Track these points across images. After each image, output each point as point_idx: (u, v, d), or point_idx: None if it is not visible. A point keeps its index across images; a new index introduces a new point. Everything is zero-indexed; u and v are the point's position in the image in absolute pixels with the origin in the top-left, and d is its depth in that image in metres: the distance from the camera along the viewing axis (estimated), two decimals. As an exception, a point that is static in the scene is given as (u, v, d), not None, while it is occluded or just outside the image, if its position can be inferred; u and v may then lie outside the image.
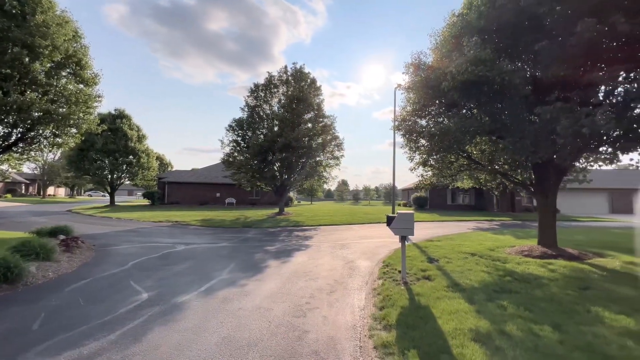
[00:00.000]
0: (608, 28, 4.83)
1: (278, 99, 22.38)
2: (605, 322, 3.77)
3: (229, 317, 4.11)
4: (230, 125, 21.91)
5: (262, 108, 22.29)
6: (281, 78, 22.16)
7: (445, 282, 5.56)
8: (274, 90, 22.20)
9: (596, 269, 6.42)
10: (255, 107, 22.14)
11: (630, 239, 10.88)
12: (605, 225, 18.08)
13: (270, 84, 22.09)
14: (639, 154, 6.12)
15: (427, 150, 9.37)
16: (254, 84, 22.50)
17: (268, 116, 22.16)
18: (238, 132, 21.89)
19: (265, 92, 22.18)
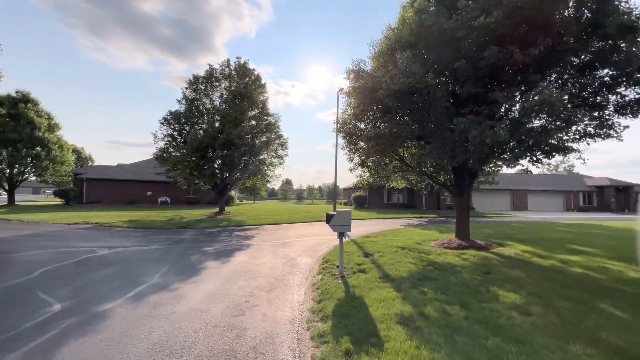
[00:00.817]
0: (507, 56, 5.85)
1: (220, 93, 21.44)
2: (500, 299, 4.56)
3: (160, 322, 3.90)
4: (166, 118, 20.26)
5: (202, 102, 21.10)
6: (224, 72, 21.26)
7: (378, 274, 6.06)
8: (215, 84, 21.18)
9: (497, 256, 7.65)
10: (194, 100, 20.85)
11: (523, 231, 13.13)
12: (507, 220, 21.41)
13: (211, 77, 21.03)
14: (528, 160, 7.51)
15: (365, 152, 10.02)
16: (193, 76, 21.19)
17: (209, 111, 21.07)
18: (174, 125, 20.35)
19: (206, 85, 21.04)
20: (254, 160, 21.95)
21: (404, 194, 35.57)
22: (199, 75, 21.15)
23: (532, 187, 38.32)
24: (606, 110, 7.37)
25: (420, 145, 8.85)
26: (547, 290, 4.92)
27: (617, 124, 7.25)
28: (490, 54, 5.65)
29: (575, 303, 4.34)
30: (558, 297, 4.63)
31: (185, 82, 20.96)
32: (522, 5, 5.40)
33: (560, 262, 7.05)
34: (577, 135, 7.64)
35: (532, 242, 9.91)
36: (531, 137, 6.20)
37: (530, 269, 6.41)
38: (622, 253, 8.08)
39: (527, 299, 4.55)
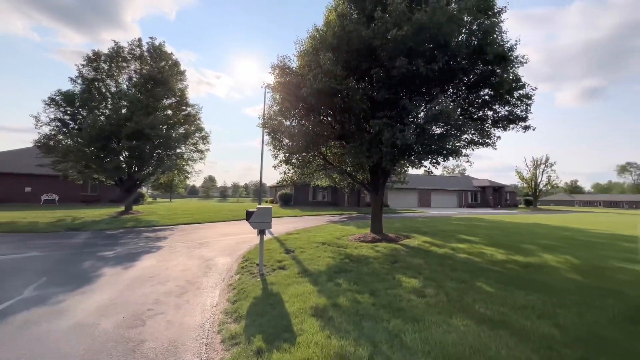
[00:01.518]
0: (415, 68, 6.61)
1: (128, 76, 18.77)
2: (402, 284, 5.11)
3: (30, 344, 3.19)
4: (53, 99, 16.73)
5: (104, 83, 18.15)
6: (134, 52, 18.67)
7: (297, 270, 6.14)
8: (122, 64, 18.44)
9: (404, 247, 8.57)
10: (94, 80, 17.78)
11: (426, 225, 15.07)
12: (414, 215, 24.28)
13: (118, 56, 18.22)
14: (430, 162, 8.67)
15: (289, 149, 10.04)
16: (93, 52, 18.05)
17: (113, 95, 18.26)
18: (66, 108, 16.98)
19: (110, 65, 18.12)
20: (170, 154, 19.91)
21: (328, 192, 37.05)
22: (101, 52, 18.13)
23: (434, 187, 44.24)
24: (486, 123, 8.95)
25: (342, 144, 9.31)
26: (439, 274, 5.71)
27: (493, 135, 8.89)
28: (401, 64, 6.30)
29: (459, 283, 5.14)
30: (447, 279, 5.42)
31: (83, 58, 17.72)
32: (427, 24, 6.16)
33: (451, 249, 8.28)
34: (465, 142, 9.10)
35: (432, 234, 11.41)
36: (433, 142, 7.13)
37: (428, 256, 7.36)
38: (495, 240, 9.96)
39: (424, 282, 5.19)
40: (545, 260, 6.92)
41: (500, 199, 48.72)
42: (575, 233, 12.97)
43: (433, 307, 4.05)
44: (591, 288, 4.89)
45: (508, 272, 5.86)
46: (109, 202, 27.87)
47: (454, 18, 6.24)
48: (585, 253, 7.87)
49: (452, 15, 6.18)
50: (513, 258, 7.15)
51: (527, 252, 7.94)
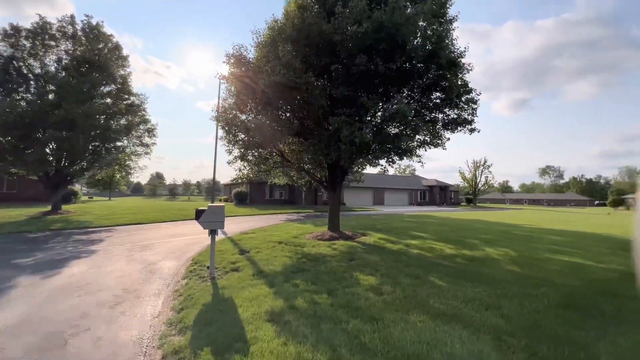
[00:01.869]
0: (374, 67, 6.67)
1: (58, 57, 16.47)
2: (360, 282, 5.08)
3: None
4: (-46, 77, 14.02)
5: (27, 63, 15.73)
6: (64, 30, 16.40)
7: (252, 271, 5.81)
8: (50, 42, 16.09)
9: (360, 244, 8.66)
10: (12, 58, 15.29)
11: (380, 222, 15.57)
12: (369, 213, 25.04)
13: (44, 32, 15.85)
14: (386, 161, 8.91)
15: (245, 145, 9.56)
16: (10, 25, 15.50)
17: (38, 77, 15.88)
18: (-29, 89, 14.33)
19: (34, 42, 15.70)
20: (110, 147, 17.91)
21: (286, 190, 36.61)
22: (21, 26, 15.62)
23: (387, 186, 46.23)
24: (437, 125, 9.42)
25: (300, 141, 9.12)
26: (395, 270, 5.82)
27: (443, 136, 9.41)
28: (361, 61, 6.30)
29: (414, 278, 5.27)
30: (403, 275, 5.53)
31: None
32: (386, 23, 6.24)
33: (405, 246, 8.57)
34: (418, 143, 9.51)
35: (386, 231, 11.77)
36: (389, 141, 7.28)
37: (384, 253, 7.50)
38: (443, 236, 10.58)
39: (380, 279, 5.23)
40: (488, 254, 7.47)
41: (445, 197, 52.63)
42: (510, 228, 14.37)
43: (390, 305, 4.05)
44: (527, 278, 5.34)
45: (457, 266, 6.19)
46: (29, 200, 24.29)
47: (411, 20, 6.41)
48: (520, 246, 8.69)
49: (409, 17, 6.34)
50: (460, 252, 7.60)
51: (472, 246, 8.53)
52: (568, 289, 4.73)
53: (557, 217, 24.30)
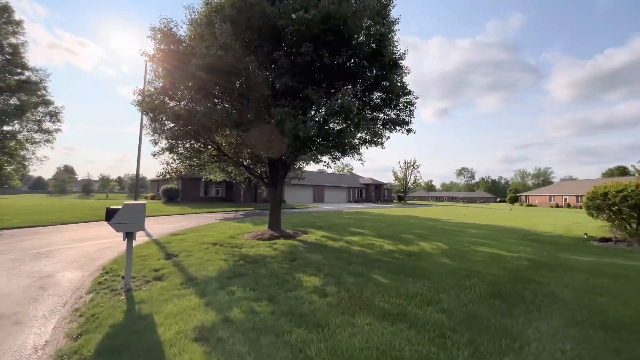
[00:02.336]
0: (320, 58, 6.41)
1: None
2: (303, 284, 4.77)
3: None
4: None
5: None
6: None
7: (180, 279, 5.04)
8: None
9: (302, 243, 8.38)
10: None
11: (321, 219, 15.58)
12: (310, 210, 25.07)
13: None
14: (329, 157, 8.80)
15: (174, 135, 8.44)
16: None
17: None
18: None
19: None
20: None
21: (223, 187, 34.57)
22: None
23: (327, 184, 47.19)
24: (378, 124, 9.65)
25: (239, 134, 8.40)
26: (338, 269, 5.66)
27: (384, 135, 9.68)
28: (306, 50, 5.98)
29: (357, 277, 5.17)
30: (346, 273, 5.39)
31: None
32: (334, 14, 6.03)
33: (346, 243, 8.57)
34: (360, 140, 9.62)
35: (327, 228, 11.73)
36: (333, 137, 7.11)
37: (326, 251, 7.34)
38: (381, 232, 10.96)
39: (324, 280, 5.00)
40: (423, 248, 7.88)
41: (380, 195, 56.02)
42: (436, 223, 15.71)
43: (336, 307, 3.82)
44: (459, 270, 5.69)
45: (397, 262, 6.32)
46: None
47: (358, 15, 6.32)
48: (448, 239, 9.43)
49: (356, 10, 6.24)
50: (398, 247, 7.87)
51: (408, 241, 8.94)
52: (493, 278, 5.14)
53: (472, 212, 27.62)
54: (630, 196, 8.03)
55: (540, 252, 7.66)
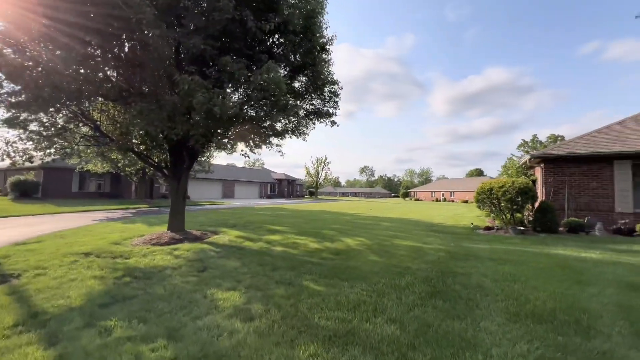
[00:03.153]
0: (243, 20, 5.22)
1: None
2: (219, 304, 3.64)
3: None
4: None
5: None
6: None
7: (13, 317, 3.23)
8: None
9: (213, 246, 7.00)
10: None
11: (233, 216, 14.05)
12: (219, 207, 22.79)
13: None
14: (252, 144, 7.64)
15: (19, 102, 5.83)
16: None
17: None
18: None
19: None
20: None
21: (107, 180, 28.50)
22: None
23: (238, 179, 44.51)
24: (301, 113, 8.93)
25: (126, 108, 6.36)
26: (262, 278, 4.69)
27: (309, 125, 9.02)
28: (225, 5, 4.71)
29: (287, 286, 4.31)
30: (273, 282, 4.47)
31: None
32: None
33: (266, 243, 7.58)
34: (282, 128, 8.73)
35: (242, 227, 10.45)
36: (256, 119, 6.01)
37: (244, 255, 6.23)
38: (301, 228, 10.34)
39: (247, 295, 3.97)
40: (348, 244, 7.55)
41: (293, 190, 56.19)
42: (351, 217, 16.14)
43: (267, 336, 2.88)
44: (390, 267, 5.45)
45: (327, 263, 5.71)
46: None
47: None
48: (367, 234, 9.47)
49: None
50: (324, 245, 7.33)
51: (331, 237, 8.54)
52: (423, 274, 5.03)
53: (375, 206, 30.09)
54: (508, 191, 9.53)
55: (447, 242, 8.31)
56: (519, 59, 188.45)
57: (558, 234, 9.53)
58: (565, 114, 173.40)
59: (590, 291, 4.25)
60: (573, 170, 10.58)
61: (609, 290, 4.30)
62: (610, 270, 5.32)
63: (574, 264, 5.83)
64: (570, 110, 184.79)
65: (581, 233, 9.59)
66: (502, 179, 10.14)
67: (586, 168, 10.42)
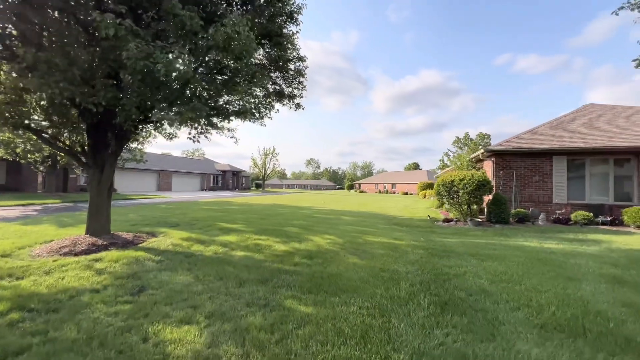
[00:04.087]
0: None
1: None
2: (170, 353, 2.45)
3: None
4: None
5: None
6: None
7: None
8: None
9: (151, 253, 5.50)
10: None
11: (174, 213, 12.10)
12: (155, 201, 19.95)
13: None
14: (195, 128, 6.20)
15: None
16: None
17: None
18: None
19: None
20: None
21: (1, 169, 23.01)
22: None
23: (176, 169, 40.31)
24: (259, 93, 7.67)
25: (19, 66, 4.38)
26: (227, 299, 3.54)
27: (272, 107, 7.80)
28: None
29: (264, 310, 3.25)
30: (243, 305, 3.37)
31: None
32: None
33: (221, 246, 6.29)
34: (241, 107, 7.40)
35: (187, 226, 8.85)
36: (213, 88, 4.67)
37: (196, 265, 4.91)
38: (259, 226, 9.13)
39: (210, 329, 2.82)
40: (319, 244, 6.66)
41: (238, 182, 53.22)
42: (308, 211, 15.30)
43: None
44: (377, 272, 4.73)
45: (303, 270, 4.75)
46: None
47: None
48: (334, 230, 8.71)
49: None
50: (292, 247, 6.31)
51: (296, 236, 7.55)
52: (418, 279, 4.42)
53: (325, 198, 29.77)
54: (468, 184, 9.67)
55: (417, 237, 8.01)
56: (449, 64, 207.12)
57: (510, 224, 10.04)
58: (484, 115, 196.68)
59: (587, 289, 4.08)
60: (519, 164, 11.28)
61: (601, 286, 4.20)
62: (583, 263, 5.40)
63: (549, 257, 5.84)
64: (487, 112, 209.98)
65: (527, 223, 10.25)
66: (462, 172, 10.30)
67: (530, 162, 11.20)
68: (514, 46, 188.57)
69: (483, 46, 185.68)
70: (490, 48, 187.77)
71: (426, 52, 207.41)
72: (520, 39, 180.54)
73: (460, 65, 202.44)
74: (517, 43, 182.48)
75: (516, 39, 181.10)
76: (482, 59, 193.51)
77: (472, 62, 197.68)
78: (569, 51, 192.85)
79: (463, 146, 50.30)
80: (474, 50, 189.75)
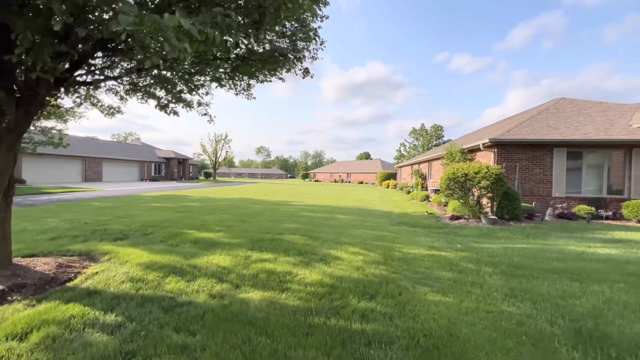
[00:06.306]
0: None
1: None
2: None
3: None
4: None
5: None
6: None
7: None
8: None
9: (96, 309, 3.10)
10: None
11: (114, 213, 9.07)
12: (80, 196, 15.79)
13: None
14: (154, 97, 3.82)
15: None
16: None
17: None
18: None
19: None
20: None
21: None
22: None
23: (108, 156, 34.18)
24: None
25: None
26: None
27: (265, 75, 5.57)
28: None
29: None
30: None
31: None
32: None
33: (212, 277, 4.06)
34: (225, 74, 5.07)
35: (141, 237, 6.25)
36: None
37: (194, 336, 2.73)
38: (245, 234, 6.90)
39: None
40: (357, 266, 4.77)
41: (185, 171, 47.83)
42: (289, 207, 13.19)
43: None
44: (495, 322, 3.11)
45: (389, 331, 2.88)
46: None
47: None
48: (348, 238, 6.90)
49: None
50: (323, 273, 4.33)
51: (310, 251, 5.56)
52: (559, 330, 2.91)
53: (288, 189, 27.60)
54: (485, 177, 8.65)
55: (447, 242, 6.65)
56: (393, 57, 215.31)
57: (520, 221, 9.35)
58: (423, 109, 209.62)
59: None
60: (521, 157, 10.72)
61: None
62: None
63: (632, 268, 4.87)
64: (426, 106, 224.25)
65: (536, 219, 9.71)
66: (474, 165, 9.23)
67: (532, 154, 10.69)
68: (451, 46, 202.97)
69: (425, 43, 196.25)
70: (430, 45, 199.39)
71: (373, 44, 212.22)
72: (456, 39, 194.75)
73: (402, 60, 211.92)
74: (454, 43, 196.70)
75: (453, 40, 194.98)
76: (422, 54, 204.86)
77: (413, 57, 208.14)
78: (495, 54, 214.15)
79: (419, 137, 52.08)
80: (416, 45, 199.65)
